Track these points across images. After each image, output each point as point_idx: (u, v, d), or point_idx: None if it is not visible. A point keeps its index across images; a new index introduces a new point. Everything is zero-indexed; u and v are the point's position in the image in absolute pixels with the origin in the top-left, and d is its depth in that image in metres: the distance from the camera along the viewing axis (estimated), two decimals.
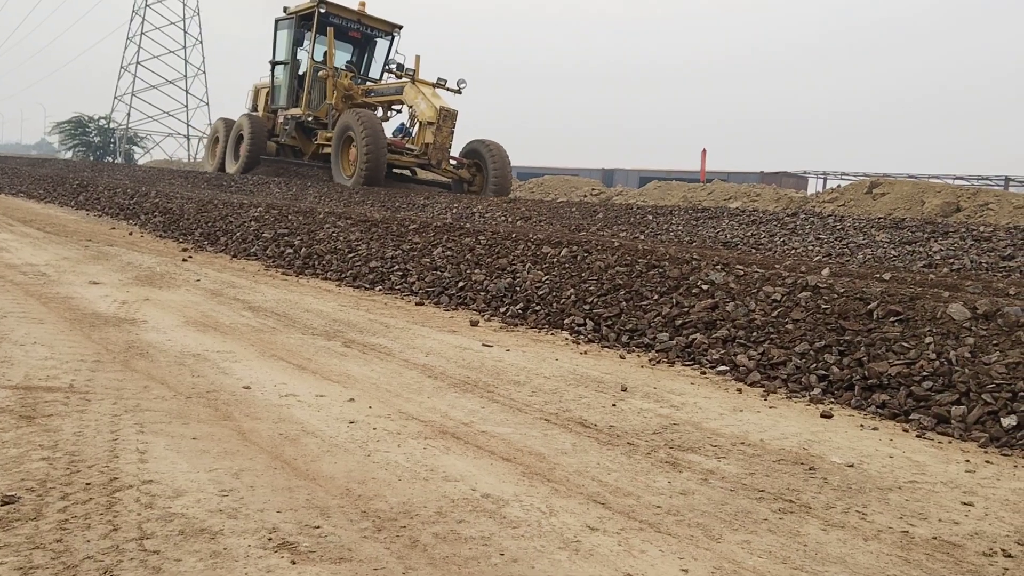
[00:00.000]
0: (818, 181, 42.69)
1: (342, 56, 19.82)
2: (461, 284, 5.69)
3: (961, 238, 6.56)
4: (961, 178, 36.25)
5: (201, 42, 77.14)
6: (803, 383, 3.57)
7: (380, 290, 5.97)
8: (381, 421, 2.77)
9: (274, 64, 20.94)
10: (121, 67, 74.97)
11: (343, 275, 6.43)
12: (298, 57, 20.14)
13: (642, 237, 7.68)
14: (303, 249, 7.23)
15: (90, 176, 16.97)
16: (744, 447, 2.74)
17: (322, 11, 18.89)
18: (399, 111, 18.99)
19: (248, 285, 5.81)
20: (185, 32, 76.44)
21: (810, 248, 6.73)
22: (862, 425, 3.09)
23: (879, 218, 7.84)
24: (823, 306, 4.00)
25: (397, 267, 6.31)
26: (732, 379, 3.75)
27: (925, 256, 6.19)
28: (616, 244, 5.82)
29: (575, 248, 5.73)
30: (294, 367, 3.50)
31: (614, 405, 3.19)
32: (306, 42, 19.85)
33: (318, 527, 1.87)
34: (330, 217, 8.21)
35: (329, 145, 18.10)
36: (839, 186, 21.14)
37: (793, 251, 6.71)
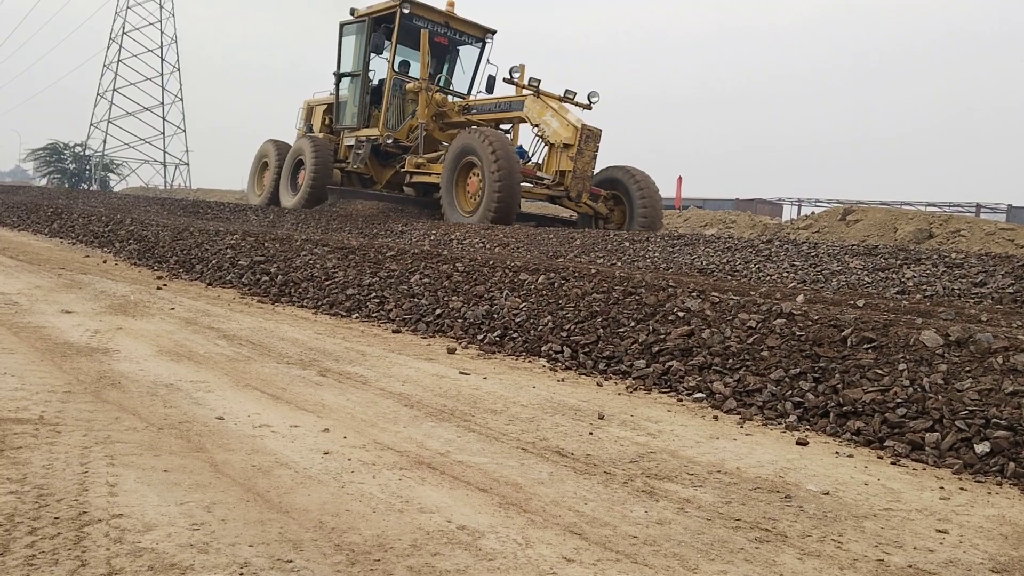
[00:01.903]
0: (792, 208, 43.20)
1: (417, 66, 16.50)
2: (439, 311, 5.68)
3: (933, 264, 6.64)
4: (933, 205, 36.80)
5: (178, 69, 77.14)
6: (779, 410, 3.58)
7: (357, 318, 5.95)
8: (356, 452, 2.75)
9: (339, 76, 17.78)
10: (97, 94, 74.79)
11: (320, 303, 6.40)
12: (371, 67, 16.92)
13: (619, 264, 7.71)
14: (279, 276, 7.19)
15: (65, 203, 16.84)
16: (720, 475, 2.74)
17: (405, 11, 15.78)
18: (507, 131, 15.89)
19: (223, 313, 5.77)
20: (163, 59, 76.41)
21: (785, 275, 6.79)
22: (837, 452, 3.10)
23: (853, 245, 7.93)
24: (798, 333, 4.02)
25: (374, 294, 6.29)
26: (708, 406, 3.76)
27: (898, 282, 6.26)
28: (593, 271, 5.84)
29: (552, 275, 5.75)
30: (268, 397, 3.47)
31: (591, 433, 3.19)
32: (368, 51, 16.62)
33: (290, 561, 1.84)
34: (307, 244, 8.18)
35: (421, 173, 15.31)
36: (813, 213, 21.40)
37: (768, 278, 6.76)
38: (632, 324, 4.71)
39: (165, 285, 7.12)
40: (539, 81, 14.02)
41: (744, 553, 2.07)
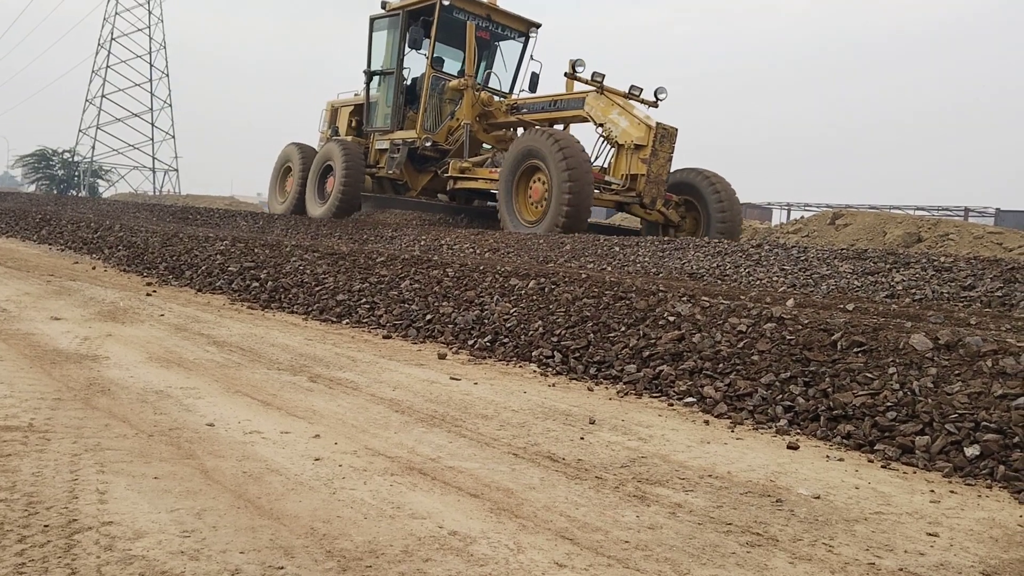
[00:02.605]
0: (782, 212, 43.36)
1: (452, 64, 15.50)
2: (429, 317, 5.67)
3: (922, 268, 6.67)
4: (922, 209, 36.99)
5: (167, 75, 76.96)
6: (769, 414, 3.59)
7: (347, 323, 5.94)
8: (347, 458, 2.74)
9: (370, 75, 16.30)
10: (86, 100, 74.58)
11: (310, 308, 6.39)
12: (405, 65, 15.46)
13: (609, 268, 7.72)
14: (269, 282, 7.18)
15: (53, 210, 16.78)
16: (712, 479, 2.74)
17: (445, 3, 14.36)
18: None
19: (213, 320, 5.75)
20: (151, 65, 76.25)
21: (775, 279, 6.81)
22: (828, 456, 3.11)
23: (842, 248, 7.96)
24: (788, 337, 4.04)
25: (365, 300, 6.28)
26: (699, 411, 3.77)
27: (887, 286, 6.28)
28: (583, 276, 5.85)
29: (543, 280, 5.75)
30: (259, 403, 3.46)
31: (582, 438, 3.19)
32: (403, 47, 15.17)
33: (282, 568, 1.84)
34: (297, 250, 8.17)
35: (467, 178, 14.06)
36: (803, 217, 21.50)
37: (758, 282, 6.78)
38: (623, 329, 4.71)
39: (155, 291, 7.10)
40: (603, 76, 12.70)
41: (735, 557, 2.08)
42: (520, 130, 14.83)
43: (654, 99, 13.16)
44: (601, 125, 12.43)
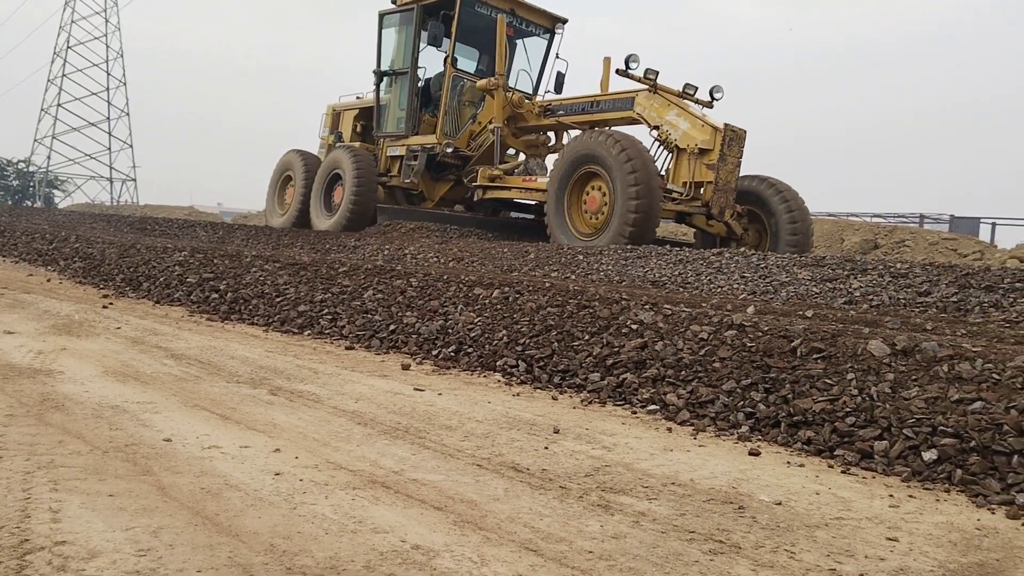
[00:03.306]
0: None
1: (465, 63, 14.55)
2: (392, 327, 5.64)
3: (879, 275, 6.77)
4: (879, 216, 37.61)
5: (125, 84, 75.97)
6: (731, 421, 3.61)
7: (309, 335, 5.88)
8: (308, 472, 2.71)
9: (380, 75, 15.10)
10: (42, 109, 73.31)
11: (270, 320, 6.32)
12: (420, 64, 14.35)
13: (573, 277, 7.74)
14: (229, 294, 7.08)
15: (7, 221, 16.45)
16: (675, 487, 2.75)
17: None
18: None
19: (171, 332, 5.66)
20: (108, 74, 75.21)
21: (735, 286, 6.87)
22: (789, 462, 3.14)
23: (801, 256, 8.06)
24: (748, 344, 4.07)
25: (327, 311, 6.23)
26: (662, 418, 3.78)
27: (845, 293, 6.37)
28: (547, 285, 5.86)
29: (507, 289, 5.75)
30: (218, 417, 3.41)
31: (547, 448, 3.18)
32: (417, 44, 14.17)
33: None
34: (257, 260, 8.08)
35: (498, 187, 12.89)
36: None
37: (719, 289, 6.84)
38: (586, 337, 4.72)
39: (111, 304, 6.98)
40: (656, 73, 11.39)
41: (699, 566, 2.08)
42: (552, 134, 14.11)
43: (709, 99, 11.88)
44: (656, 127, 11.21)
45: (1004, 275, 6.32)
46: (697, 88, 11.75)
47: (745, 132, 10.80)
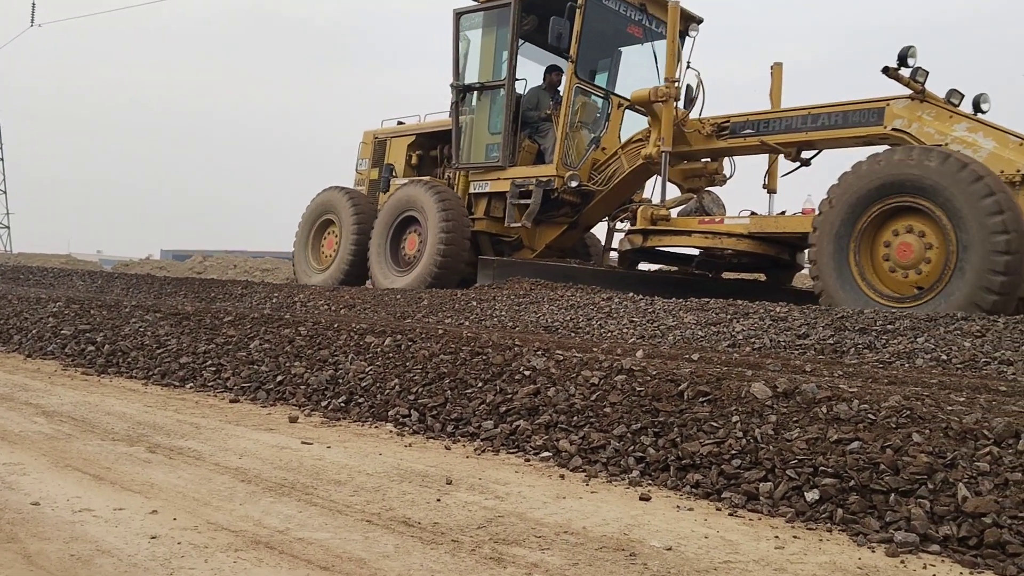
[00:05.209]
0: None
1: (534, 75, 11.83)
2: (280, 378, 5.48)
3: (760, 318, 7.01)
4: None
5: None
6: (622, 466, 3.64)
7: (191, 387, 5.65)
8: (187, 534, 2.58)
9: (462, 90, 11.86)
10: None
11: (150, 373, 6.05)
12: (518, 76, 11.31)
13: (467, 323, 7.73)
14: (106, 346, 6.76)
15: None
16: (567, 536, 2.74)
17: None
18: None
19: (43, 387, 5.35)
20: None
21: (625, 331, 7.00)
22: (679, 506, 3.18)
23: (686, 300, 8.28)
24: (638, 388, 4.13)
25: (210, 362, 6.01)
26: (555, 465, 3.78)
27: (729, 336, 6.57)
28: (440, 331, 5.82)
29: (399, 337, 5.68)
30: (91, 478, 3.22)
31: (439, 500, 3.13)
32: (516, 48, 11.13)
33: None
34: (137, 311, 7.75)
35: (668, 232, 9.99)
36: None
37: (610, 334, 6.95)
38: (480, 384, 4.70)
39: None
40: (927, 74, 8.38)
41: None
42: (727, 161, 11.07)
43: (973, 109, 8.76)
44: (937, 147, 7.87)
45: (876, 318, 6.65)
46: (963, 96, 8.77)
47: None
